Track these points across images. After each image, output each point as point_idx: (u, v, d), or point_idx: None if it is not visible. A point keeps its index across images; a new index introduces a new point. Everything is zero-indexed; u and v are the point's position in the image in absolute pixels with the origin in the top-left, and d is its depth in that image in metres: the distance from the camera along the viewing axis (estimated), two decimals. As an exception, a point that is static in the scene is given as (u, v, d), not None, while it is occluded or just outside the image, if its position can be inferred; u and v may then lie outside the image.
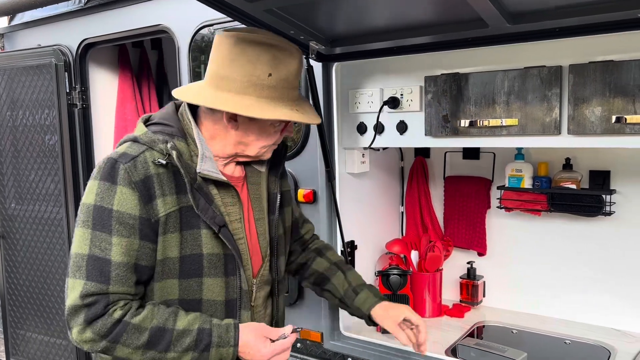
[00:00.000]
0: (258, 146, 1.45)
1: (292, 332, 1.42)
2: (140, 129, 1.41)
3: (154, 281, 1.37)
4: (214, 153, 1.44)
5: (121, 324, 1.28)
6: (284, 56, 1.38)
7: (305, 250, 1.84)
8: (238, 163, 1.53)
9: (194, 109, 1.47)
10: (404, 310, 1.73)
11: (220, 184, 1.43)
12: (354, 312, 1.80)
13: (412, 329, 1.73)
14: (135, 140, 1.37)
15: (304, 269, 1.82)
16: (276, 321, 1.60)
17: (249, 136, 1.42)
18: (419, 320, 1.72)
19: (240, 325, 1.39)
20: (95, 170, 1.35)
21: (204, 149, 1.40)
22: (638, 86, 1.61)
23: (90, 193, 1.31)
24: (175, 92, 1.42)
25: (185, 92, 1.43)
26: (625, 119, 1.63)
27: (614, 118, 1.65)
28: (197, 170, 1.37)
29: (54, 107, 2.96)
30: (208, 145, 1.43)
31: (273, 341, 1.41)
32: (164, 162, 1.32)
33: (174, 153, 1.33)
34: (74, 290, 1.28)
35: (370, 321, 1.77)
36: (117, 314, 1.29)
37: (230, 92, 1.36)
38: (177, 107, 1.48)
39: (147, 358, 1.32)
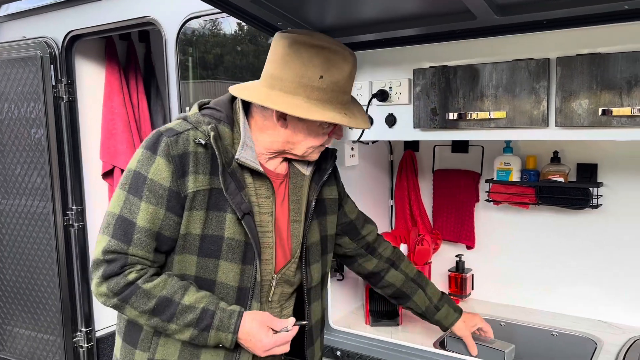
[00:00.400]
0: (305, 146, 1.48)
1: (294, 325, 1.43)
2: (193, 110, 1.49)
3: (175, 253, 1.43)
4: (262, 146, 1.49)
5: (133, 286, 1.36)
6: (337, 59, 1.39)
7: (375, 255, 1.86)
8: (283, 160, 1.55)
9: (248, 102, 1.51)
10: (478, 321, 2.00)
11: (256, 174, 1.47)
12: (433, 323, 1.97)
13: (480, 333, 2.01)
14: (185, 118, 1.46)
15: (376, 278, 1.89)
16: (309, 330, 1.59)
17: (297, 136, 1.45)
18: (488, 328, 2.00)
19: (246, 313, 1.41)
20: (144, 140, 1.43)
21: (246, 138, 1.45)
22: (625, 79, 1.62)
23: (134, 159, 1.41)
24: (231, 89, 1.47)
25: (241, 89, 1.47)
26: (612, 111, 1.63)
27: (600, 111, 1.66)
28: (235, 156, 1.42)
29: (40, 100, 2.93)
30: (256, 137, 1.48)
31: (276, 332, 1.41)
32: (203, 142, 1.39)
33: (211, 134, 1.38)
34: (99, 245, 1.38)
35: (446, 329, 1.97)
36: (132, 276, 1.36)
37: (281, 91, 1.40)
38: (235, 96, 1.52)
39: (151, 324, 1.39)
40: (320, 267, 1.63)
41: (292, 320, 1.43)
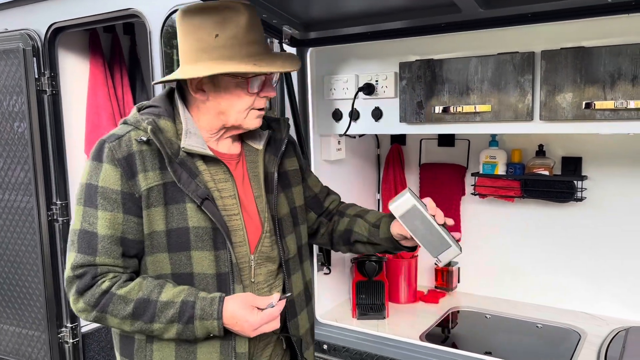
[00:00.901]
0: (235, 112, 1.44)
1: (280, 300, 1.41)
2: (132, 112, 1.48)
3: (146, 255, 1.42)
4: (205, 129, 1.48)
5: (108, 294, 1.36)
6: (230, 14, 1.37)
7: (331, 220, 1.80)
8: (235, 140, 1.55)
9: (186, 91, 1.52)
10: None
11: (209, 160, 1.46)
12: (389, 246, 1.68)
13: None
14: (124, 122, 1.46)
15: (332, 237, 1.78)
16: (290, 300, 1.57)
17: (221, 103, 1.44)
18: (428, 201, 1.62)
19: (227, 297, 1.39)
20: (90, 152, 1.44)
21: (188, 125, 1.45)
22: (608, 72, 1.63)
23: (84, 173, 1.42)
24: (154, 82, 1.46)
25: (162, 79, 1.49)
26: (595, 105, 1.64)
27: (584, 104, 1.67)
28: (181, 146, 1.41)
29: (23, 94, 2.88)
30: (197, 122, 1.48)
31: (261, 310, 1.40)
32: (145, 138, 1.38)
33: (148, 128, 1.38)
34: (68, 263, 1.39)
35: (405, 246, 1.67)
36: (105, 285, 1.36)
37: (186, 64, 1.41)
38: (174, 91, 1.53)
39: (136, 328, 1.38)
40: (294, 239, 1.62)
41: (277, 295, 1.41)
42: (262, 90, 1.45)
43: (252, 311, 1.37)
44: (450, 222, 1.58)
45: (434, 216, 1.53)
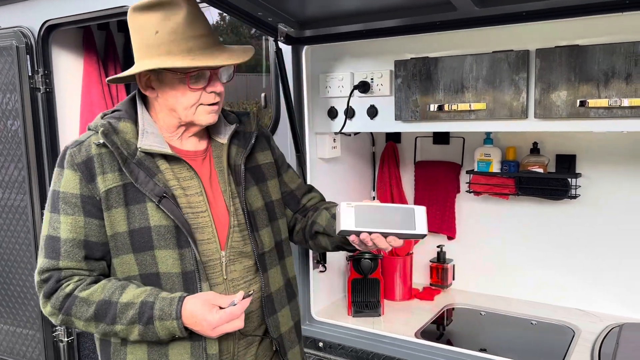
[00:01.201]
0: (183, 107, 1.44)
1: (244, 298, 1.37)
2: (96, 118, 1.51)
3: (113, 257, 1.44)
4: (165, 128, 1.49)
5: (71, 297, 1.38)
6: (171, 10, 1.38)
7: (305, 216, 1.75)
8: (202, 137, 1.55)
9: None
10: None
11: (172, 159, 1.47)
12: (341, 242, 1.60)
13: None
14: (88, 127, 1.49)
15: (304, 233, 1.72)
16: (267, 296, 1.54)
17: (169, 100, 1.45)
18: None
19: (188, 297, 1.37)
20: None
21: (146, 125, 1.47)
22: (602, 70, 1.64)
23: (52, 180, 1.45)
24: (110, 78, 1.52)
25: (119, 75, 1.51)
26: (588, 102, 1.65)
27: (578, 102, 1.68)
28: (138, 146, 1.43)
29: (16, 91, 2.86)
30: (157, 121, 1.50)
31: (223, 309, 1.36)
32: (101, 141, 1.41)
33: (100, 130, 1.41)
34: (37, 267, 1.42)
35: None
36: (69, 288, 1.39)
37: (136, 62, 1.43)
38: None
39: (101, 331, 1.40)
40: (271, 233, 1.60)
41: (240, 294, 1.38)
42: (208, 85, 1.44)
43: (211, 310, 1.35)
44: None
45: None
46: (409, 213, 1.43)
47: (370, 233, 1.42)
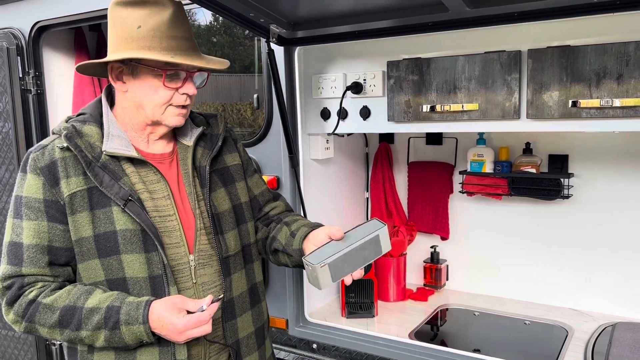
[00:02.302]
0: (152, 105, 1.42)
1: (212, 302, 1.35)
2: (60, 122, 1.48)
3: (78, 263, 1.41)
4: (130, 129, 1.48)
5: (34, 304, 1.36)
6: (157, 9, 1.39)
7: (268, 226, 1.70)
8: (170, 140, 1.54)
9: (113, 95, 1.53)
10: (325, 230, 1.50)
11: (137, 162, 1.45)
12: (299, 260, 1.54)
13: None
14: (52, 131, 1.47)
15: (265, 244, 1.67)
16: (228, 301, 1.51)
17: (138, 95, 1.43)
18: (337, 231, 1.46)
19: (156, 300, 1.36)
20: None
21: (111, 128, 1.45)
22: (594, 71, 1.64)
23: (15, 185, 1.43)
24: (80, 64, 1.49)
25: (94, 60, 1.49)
26: (580, 103, 1.65)
27: (570, 102, 1.68)
28: (103, 149, 1.41)
29: (7, 93, 2.84)
30: (122, 123, 1.47)
31: (191, 314, 1.34)
32: (65, 145, 1.39)
33: (63, 133, 1.39)
34: None
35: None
36: (32, 294, 1.36)
37: (109, 53, 1.42)
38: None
39: (66, 337, 1.37)
40: (237, 236, 1.57)
41: (209, 298, 1.35)
42: (182, 86, 1.43)
43: (178, 314, 1.32)
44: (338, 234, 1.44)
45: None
46: (375, 241, 1.44)
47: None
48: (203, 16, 3.17)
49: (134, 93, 1.43)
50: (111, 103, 1.51)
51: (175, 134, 1.55)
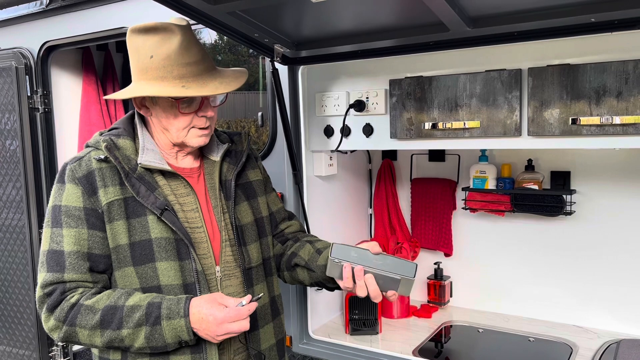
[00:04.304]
0: (175, 129, 1.49)
1: (251, 301, 1.39)
2: (94, 136, 1.55)
3: (114, 270, 1.46)
4: (162, 146, 1.54)
5: (76, 306, 1.38)
6: (167, 36, 1.42)
7: (284, 243, 1.75)
8: (197, 156, 1.60)
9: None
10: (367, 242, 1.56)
11: (169, 175, 1.51)
12: (322, 276, 1.60)
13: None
14: (86, 145, 1.53)
15: (280, 261, 1.73)
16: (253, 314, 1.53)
17: (162, 121, 1.49)
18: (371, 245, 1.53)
19: (196, 297, 1.40)
20: None
21: (146, 142, 1.52)
22: (593, 89, 1.66)
23: (51, 197, 1.47)
24: (106, 96, 1.56)
25: (117, 93, 1.54)
26: (580, 120, 1.67)
27: (571, 120, 1.70)
28: (138, 162, 1.47)
29: (15, 112, 2.89)
30: (155, 140, 1.54)
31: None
32: (102, 156, 1.45)
33: (103, 145, 1.44)
34: (38, 283, 1.42)
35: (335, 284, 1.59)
36: (74, 298, 1.39)
37: (132, 82, 1.48)
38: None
39: (106, 339, 1.38)
40: (259, 248, 1.62)
41: (248, 297, 1.40)
42: (199, 110, 1.48)
43: (218, 307, 1.36)
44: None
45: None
46: (394, 281, 1.46)
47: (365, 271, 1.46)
48: (208, 35, 3.22)
49: (157, 118, 1.50)
50: (143, 118, 1.57)
51: (202, 150, 1.61)
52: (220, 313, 1.35)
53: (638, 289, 2.19)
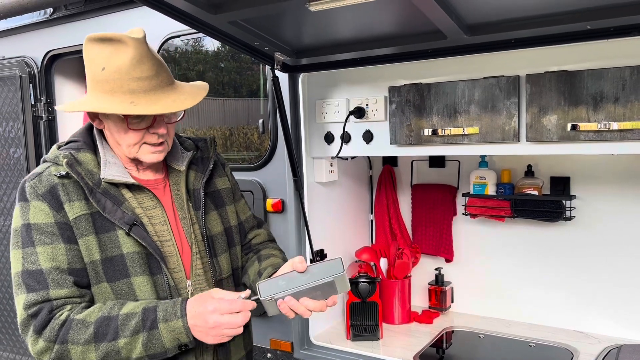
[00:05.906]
0: (125, 145, 1.43)
1: (247, 298, 1.35)
2: (51, 151, 1.48)
3: (92, 285, 1.40)
4: (122, 159, 1.48)
5: (67, 323, 1.32)
6: (120, 48, 1.36)
7: (247, 254, 1.71)
8: (160, 167, 1.55)
9: None
10: (289, 262, 1.49)
11: (134, 188, 1.46)
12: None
13: None
14: (44, 160, 1.47)
15: (238, 275, 1.69)
16: None
17: (114, 135, 1.44)
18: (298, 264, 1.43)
19: (191, 297, 1.38)
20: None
21: (107, 156, 1.46)
22: (591, 95, 1.68)
23: (14, 217, 1.40)
24: (58, 107, 1.52)
25: (67, 105, 1.52)
26: (578, 126, 1.69)
27: (569, 126, 1.71)
28: (101, 176, 1.41)
29: (19, 120, 2.92)
30: (115, 152, 1.48)
31: None
32: (63, 172, 1.38)
33: (64, 161, 1.38)
34: (18, 306, 1.34)
35: None
36: (64, 315, 1.32)
37: (87, 93, 1.43)
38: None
39: (101, 353, 1.31)
40: (229, 259, 1.59)
41: (248, 291, 1.36)
42: (151, 126, 1.42)
43: (212, 299, 1.33)
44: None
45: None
46: (329, 285, 1.42)
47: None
48: (210, 42, 3.25)
49: (109, 132, 1.45)
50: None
51: (165, 159, 1.54)
52: (212, 304, 1.32)
53: (639, 293, 2.19)
